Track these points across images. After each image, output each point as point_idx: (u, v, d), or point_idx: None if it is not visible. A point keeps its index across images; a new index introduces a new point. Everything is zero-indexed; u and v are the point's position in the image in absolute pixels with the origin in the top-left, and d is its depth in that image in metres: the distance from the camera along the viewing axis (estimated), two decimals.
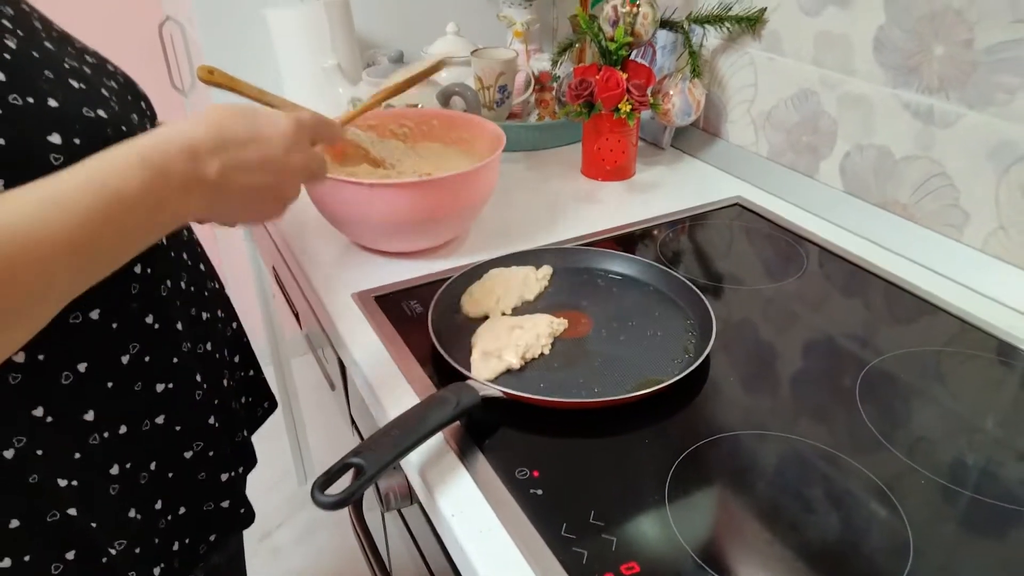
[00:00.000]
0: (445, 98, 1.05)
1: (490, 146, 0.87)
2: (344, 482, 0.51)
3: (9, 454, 0.48)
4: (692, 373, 0.63)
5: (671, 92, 1.01)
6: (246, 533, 0.68)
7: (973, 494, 0.54)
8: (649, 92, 0.99)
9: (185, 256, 0.62)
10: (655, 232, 0.92)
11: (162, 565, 0.59)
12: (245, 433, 0.70)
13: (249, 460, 0.71)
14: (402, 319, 0.74)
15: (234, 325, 0.71)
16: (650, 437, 0.59)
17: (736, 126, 1.06)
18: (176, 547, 0.61)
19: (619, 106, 0.97)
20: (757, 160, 1.03)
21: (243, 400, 0.72)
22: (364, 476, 0.50)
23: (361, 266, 0.84)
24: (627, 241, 0.90)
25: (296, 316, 1.03)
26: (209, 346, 0.64)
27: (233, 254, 1.93)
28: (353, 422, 0.89)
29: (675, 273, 0.76)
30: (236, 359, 0.71)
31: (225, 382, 0.66)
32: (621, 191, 1.03)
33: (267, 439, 0.88)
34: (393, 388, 0.65)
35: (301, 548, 1.63)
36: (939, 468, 0.56)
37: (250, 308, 1.93)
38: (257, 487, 1.78)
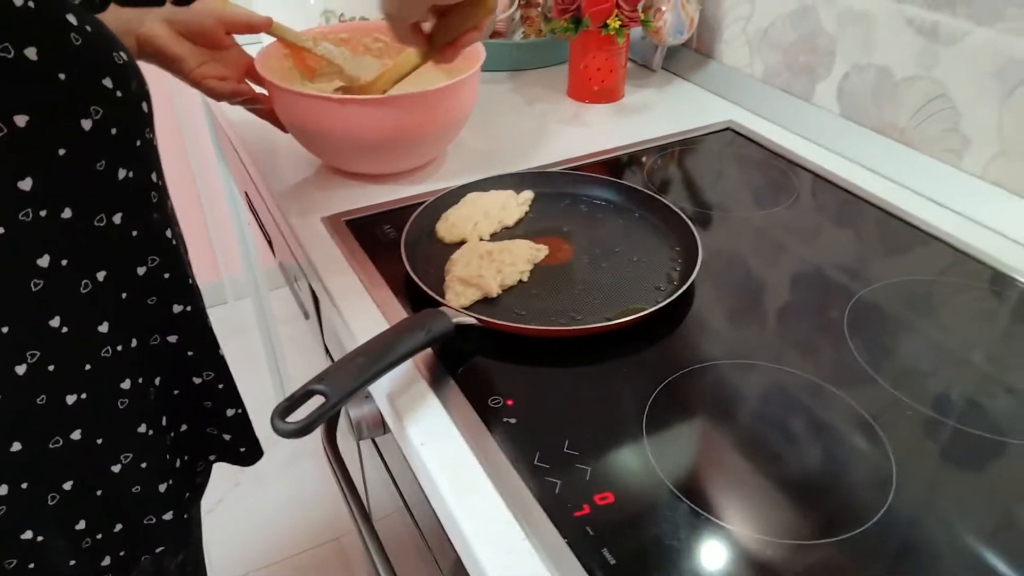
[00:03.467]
0: None
1: (469, 64, 0.82)
2: (309, 408, 0.48)
3: (21, 370, 0.45)
4: (676, 302, 0.60)
5: (663, 8, 0.95)
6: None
7: (957, 425, 0.52)
8: (640, 7, 0.93)
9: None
10: (643, 158, 0.88)
11: (169, 482, 0.58)
12: None
13: None
14: (374, 244, 0.70)
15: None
16: (630, 367, 0.57)
17: (730, 46, 1.01)
18: (178, 464, 0.59)
19: (608, 22, 0.91)
20: (751, 83, 0.98)
21: None
22: (328, 403, 0.47)
23: (332, 189, 0.80)
24: (613, 166, 0.86)
25: (269, 243, 0.99)
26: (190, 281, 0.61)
27: (211, 181, 1.87)
28: (327, 351, 0.87)
29: (661, 198, 0.73)
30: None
31: None
32: (608, 114, 0.99)
33: (247, 372, 0.86)
34: (364, 316, 0.62)
35: (285, 476, 1.63)
36: (925, 399, 0.54)
37: (230, 240, 1.88)
38: None
